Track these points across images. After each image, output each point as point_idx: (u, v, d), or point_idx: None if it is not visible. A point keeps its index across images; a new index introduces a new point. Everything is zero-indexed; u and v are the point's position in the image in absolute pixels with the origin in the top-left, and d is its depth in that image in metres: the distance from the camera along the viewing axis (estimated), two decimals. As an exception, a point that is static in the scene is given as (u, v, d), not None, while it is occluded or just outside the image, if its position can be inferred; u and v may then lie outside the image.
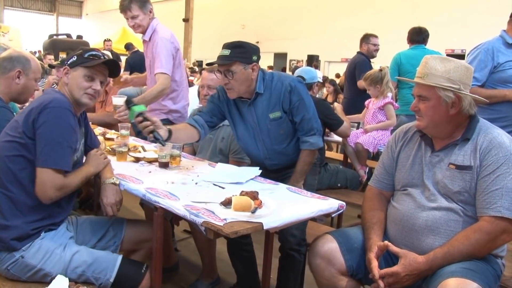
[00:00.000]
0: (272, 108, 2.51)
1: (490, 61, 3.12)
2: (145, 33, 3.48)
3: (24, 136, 1.92)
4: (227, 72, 2.40)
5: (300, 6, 21.21)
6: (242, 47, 2.41)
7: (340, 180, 3.82)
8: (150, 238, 2.19)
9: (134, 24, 3.40)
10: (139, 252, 2.31)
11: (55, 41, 14.85)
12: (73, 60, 2.10)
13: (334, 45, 19.21)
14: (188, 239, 3.86)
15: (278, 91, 2.50)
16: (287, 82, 2.50)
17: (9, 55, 2.59)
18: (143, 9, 3.38)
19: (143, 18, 3.39)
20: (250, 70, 2.43)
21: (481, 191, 1.79)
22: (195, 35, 20.45)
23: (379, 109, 4.00)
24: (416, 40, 5.06)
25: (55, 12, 37.00)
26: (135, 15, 3.36)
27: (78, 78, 2.08)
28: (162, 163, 2.55)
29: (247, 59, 2.40)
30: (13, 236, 1.92)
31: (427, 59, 1.92)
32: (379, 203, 2.11)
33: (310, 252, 2.08)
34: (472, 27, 14.80)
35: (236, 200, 1.84)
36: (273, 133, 2.56)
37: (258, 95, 2.51)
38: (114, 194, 2.13)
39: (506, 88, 3.14)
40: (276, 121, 2.53)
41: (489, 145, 1.82)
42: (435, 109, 1.87)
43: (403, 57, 5.01)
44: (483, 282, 1.64)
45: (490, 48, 3.15)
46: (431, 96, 1.87)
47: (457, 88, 1.83)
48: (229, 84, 2.43)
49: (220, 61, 2.40)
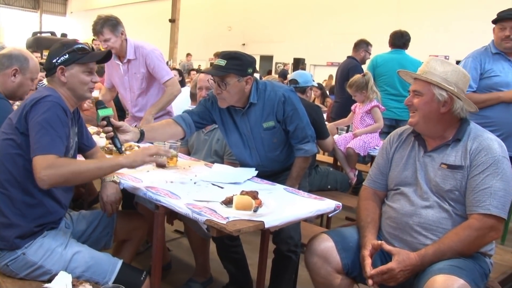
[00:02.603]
0: (265, 118, 2.55)
1: (479, 68, 3.29)
2: (125, 55, 3.59)
3: (17, 132, 1.93)
4: (221, 83, 2.42)
5: (286, 9, 21.32)
6: (238, 59, 2.42)
7: (330, 182, 3.89)
8: (140, 226, 2.38)
9: (107, 46, 3.51)
10: (131, 241, 2.41)
11: (39, 39, 14.62)
12: (66, 58, 2.06)
13: (320, 49, 19.37)
14: (179, 239, 3.90)
15: (271, 101, 2.53)
16: (280, 92, 2.53)
17: (9, 53, 2.60)
18: (114, 32, 3.49)
19: (115, 41, 3.50)
20: (244, 83, 2.45)
21: (471, 190, 1.89)
22: (181, 36, 20.43)
23: (366, 113, 4.08)
24: (397, 44, 5.16)
25: (39, 9, 36.54)
26: (107, 38, 3.47)
27: (79, 75, 2.07)
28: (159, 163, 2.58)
29: (242, 72, 2.42)
30: (17, 235, 1.93)
31: (430, 59, 2.04)
32: (373, 203, 2.19)
33: (307, 251, 2.14)
34: (456, 33, 15.10)
35: (238, 199, 1.89)
36: (267, 142, 2.62)
37: (252, 104, 2.54)
38: (115, 193, 2.17)
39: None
40: (269, 130, 2.58)
41: (479, 147, 1.92)
42: (427, 104, 1.98)
43: (380, 60, 5.13)
44: (469, 279, 1.72)
45: (478, 56, 3.34)
46: (425, 92, 1.98)
47: (451, 89, 1.94)
48: (221, 94, 2.45)
49: (215, 71, 2.42)
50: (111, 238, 2.31)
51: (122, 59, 3.62)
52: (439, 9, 16.04)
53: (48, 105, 1.91)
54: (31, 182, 1.93)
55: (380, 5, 17.87)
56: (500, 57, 3.31)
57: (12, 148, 1.94)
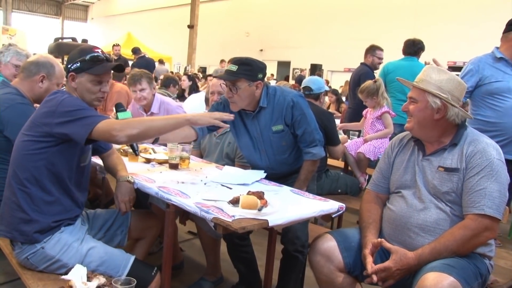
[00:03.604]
0: (274, 122, 2.66)
1: (476, 72, 3.28)
2: (150, 107, 3.89)
3: (41, 132, 2.03)
4: (232, 87, 2.54)
5: (304, 15, 21.37)
6: (249, 65, 2.55)
7: (341, 186, 3.94)
8: (154, 225, 2.49)
9: (140, 96, 3.81)
10: (145, 239, 2.51)
11: (60, 45, 15.00)
12: (77, 66, 2.14)
13: (337, 55, 19.35)
14: (192, 240, 4.00)
15: (280, 106, 2.65)
16: (289, 97, 2.64)
17: (36, 60, 2.76)
18: (150, 85, 3.84)
19: (149, 93, 3.84)
20: (255, 87, 2.57)
21: (466, 191, 1.96)
22: (200, 41, 20.62)
23: (377, 118, 4.13)
24: (408, 52, 5.24)
25: (61, 15, 37.38)
26: (143, 88, 3.80)
27: (87, 84, 2.15)
28: (172, 165, 2.69)
29: (252, 77, 2.54)
30: (36, 229, 2.06)
31: (427, 68, 2.12)
32: (375, 205, 2.27)
33: (311, 250, 2.22)
34: (474, 39, 14.95)
35: (244, 199, 1.98)
36: (276, 144, 2.72)
37: (262, 108, 2.66)
38: (129, 192, 2.27)
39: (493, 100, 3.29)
40: (278, 133, 2.68)
41: (474, 150, 1.99)
42: (421, 111, 2.06)
43: (391, 67, 5.20)
44: (460, 277, 1.78)
45: (477, 61, 3.34)
46: (420, 99, 2.07)
47: (445, 97, 2.02)
48: (233, 98, 2.58)
49: (227, 76, 2.55)
50: (125, 236, 2.42)
51: (147, 111, 3.92)
52: (457, 14, 15.93)
53: (72, 101, 2.06)
54: (50, 181, 2.07)
55: (397, 11, 17.82)
56: (504, 62, 3.29)
57: (32, 149, 2.06)
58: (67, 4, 37.22)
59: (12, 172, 2.12)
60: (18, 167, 2.09)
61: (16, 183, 2.08)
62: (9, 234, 2.11)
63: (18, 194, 2.07)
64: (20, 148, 2.10)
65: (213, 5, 24.98)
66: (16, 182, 2.08)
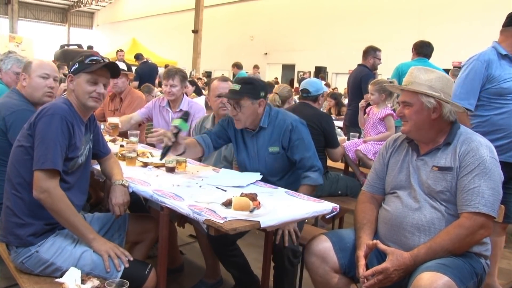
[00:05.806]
0: (272, 143, 2.70)
1: (485, 72, 3.04)
2: (178, 105, 4.03)
3: (29, 138, 2.08)
4: (236, 105, 2.62)
5: (308, 18, 21.39)
6: (251, 84, 2.65)
7: (341, 187, 3.93)
8: (151, 229, 2.45)
9: (170, 91, 3.93)
10: (143, 243, 2.50)
11: (66, 51, 15.17)
12: (75, 68, 2.23)
13: (342, 57, 19.32)
14: (193, 243, 4.00)
15: (280, 128, 2.69)
16: (289, 121, 2.68)
17: None
18: (182, 83, 3.98)
19: (179, 90, 3.97)
20: (257, 105, 2.64)
21: (460, 190, 1.96)
22: (204, 46, 20.71)
23: (379, 120, 4.10)
24: (421, 52, 5.23)
25: (66, 22, 37.69)
26: (175, 84, 3.92)
27: (82, 84, 2.21)
28: (169, 168, 2.71)
29: (255, 95, 2.62)
30: (30, 233, 2.08)
31: (412, 69, 2.11)
32: (370, 206, 2.26)
33: (306, 251, 2.22)
34: (479, 40, 14.85)
35: (236, 200, 1.98)
36: (269, 165, 2.74)
37: (262, 128, 2.71)
38: (123, 195, 2.29)
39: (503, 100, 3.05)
40: (273, 155, 2.71)
41: (467, 149, 1.99)
42: (418, 114, 2.05)
43: (405, 68, 5.14)
44: (454, 276, 1.77)
45: (486, 59, 3.06)
46: (414, 102, 2.05)
47: (438, 95, 2.01)
48: (237, 115, 2.64)
49: (231, 95, 2.64)
50: (123, 240, 2.43)
51: (174, 108, 4.03)
52: (462, 15, 15.87)
53: (49, 119, 2.06)
54: None
55: (402, 13, 17.78)
56: (508, 59, 3.07)
57: (24, 154, 2.10)
58: (73, 11, 37.53)
59: (6, 177, 2.15)
60: (12, 172, 2.13)
61: (10, 188, 2.11)
62: (5, 238, 2.13)
63: (11, 198, 2.10)
64: (13, 154, 2.15)
65: (217, 10, 25.07)
66: (9, 187, 2.11)
